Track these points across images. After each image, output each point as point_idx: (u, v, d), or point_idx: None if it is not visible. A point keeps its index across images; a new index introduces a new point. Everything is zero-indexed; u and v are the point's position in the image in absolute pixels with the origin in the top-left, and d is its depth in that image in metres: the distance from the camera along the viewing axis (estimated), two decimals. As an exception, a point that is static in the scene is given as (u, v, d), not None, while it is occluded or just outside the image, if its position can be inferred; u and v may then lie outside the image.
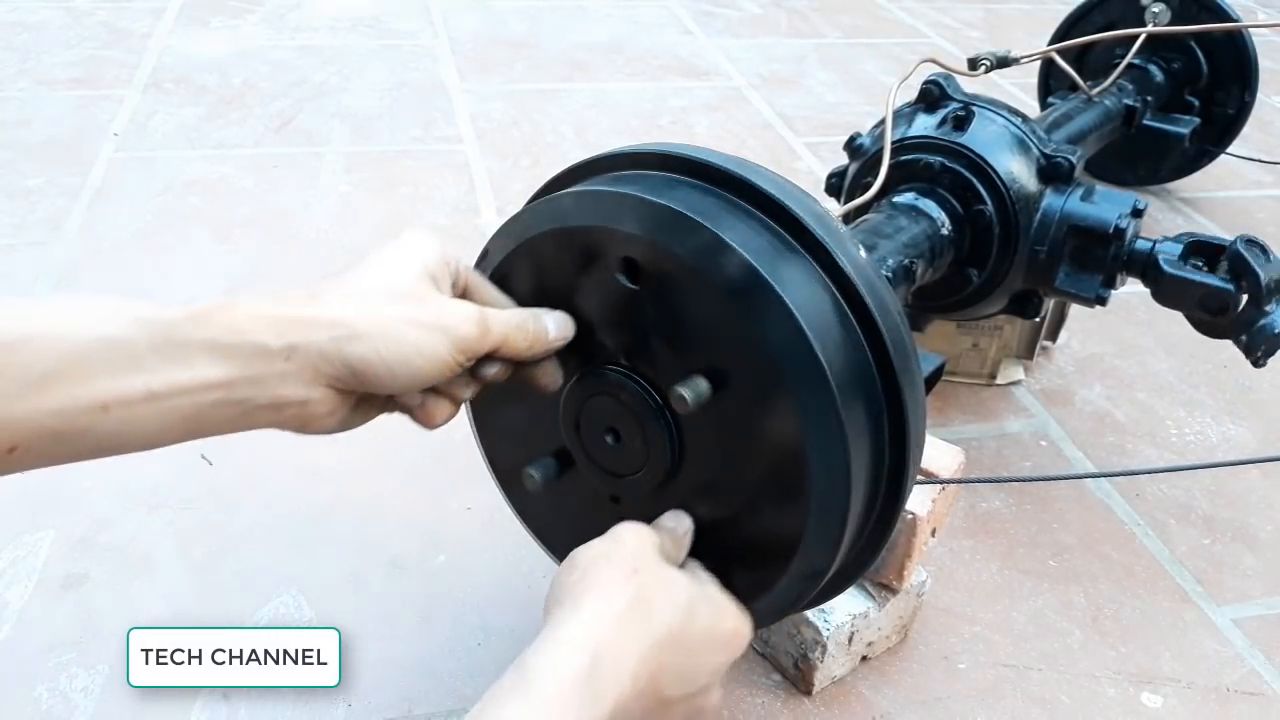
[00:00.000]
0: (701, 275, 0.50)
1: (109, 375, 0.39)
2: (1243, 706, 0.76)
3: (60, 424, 0.38)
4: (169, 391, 0.40)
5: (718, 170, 0.55)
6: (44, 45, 1.96)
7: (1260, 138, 1.79)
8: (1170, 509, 0.96)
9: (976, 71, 1.05)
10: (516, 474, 0.64)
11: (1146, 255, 0.89)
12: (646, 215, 0.51)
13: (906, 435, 0.54)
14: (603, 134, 1.72)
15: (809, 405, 0.49)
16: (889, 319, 0.53)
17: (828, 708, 0.74)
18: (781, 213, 0.53)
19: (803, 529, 0.52)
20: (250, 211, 1.41)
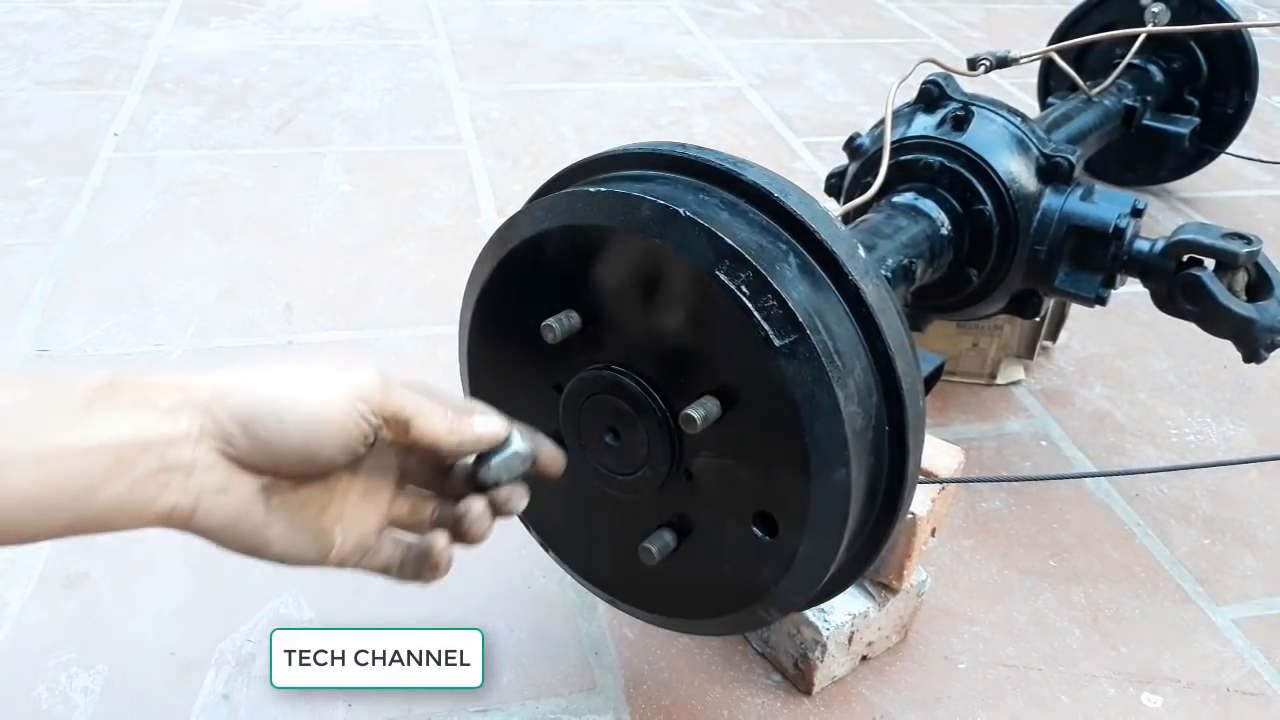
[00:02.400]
0: (704, 279, 0.50)
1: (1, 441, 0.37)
2: (1243, 706, 0.76)
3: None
4: (60, 452, 0.37)
5: (718, 170, 0.55)
6: (44, 45, 1.96)
7: (1260, 138, 1.79)
8: (1170, 509, 0.96)
9: (976, 71, 1.05)
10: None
11: (1146, 255, 0.89)
12: (650, 216, 0.51)
13: (906, 436, 0.54)
14: (603, 134, 1.72)
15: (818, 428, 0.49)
16: (889, 319, 0.53)
17: (828, 708, 0.74)
18: (779, 211, 0.53)
19: (802, 531, 0.52)
20: (250, 211, 1.41)
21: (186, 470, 0.40)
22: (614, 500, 0.60)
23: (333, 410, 0.42)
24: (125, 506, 0.39)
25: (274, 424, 0.41)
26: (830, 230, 0.53)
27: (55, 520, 0.38)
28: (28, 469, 0.37)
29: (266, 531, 0.43)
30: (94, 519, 0.39)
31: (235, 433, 0.41)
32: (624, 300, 0.53)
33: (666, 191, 0.53)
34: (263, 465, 0.42)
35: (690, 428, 0.50)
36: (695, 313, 0.51)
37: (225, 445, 0.41)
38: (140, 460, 0.39)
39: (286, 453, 0.42)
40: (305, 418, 0.42)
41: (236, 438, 0.41)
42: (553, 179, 0.62)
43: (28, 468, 0.37)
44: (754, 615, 0.59)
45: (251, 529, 0.43)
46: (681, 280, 0.51)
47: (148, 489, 0.39)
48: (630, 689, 0.74)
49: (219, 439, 0.41)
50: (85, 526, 0.39)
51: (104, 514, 0.39)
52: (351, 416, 0.42)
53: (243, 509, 0.42)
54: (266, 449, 0.41)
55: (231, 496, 0.42)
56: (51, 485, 0.37)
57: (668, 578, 0.62)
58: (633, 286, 0.53)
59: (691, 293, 0.51)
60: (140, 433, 0.39)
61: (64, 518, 0.38)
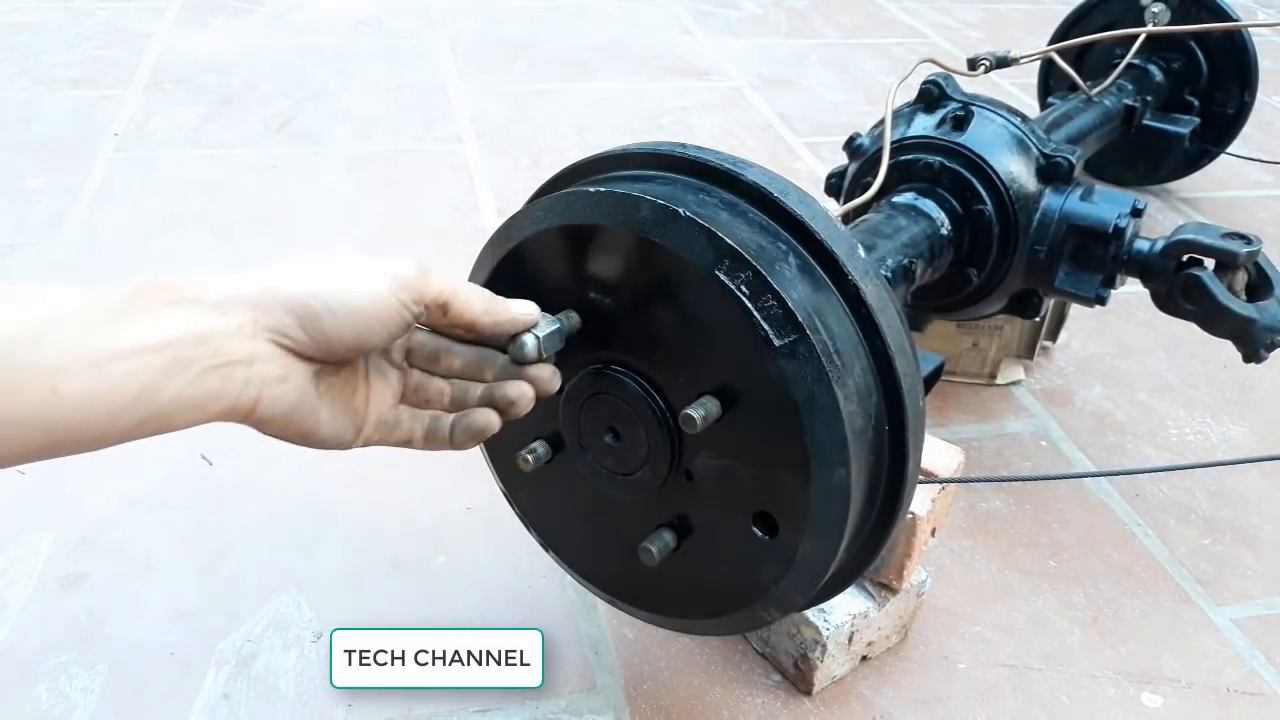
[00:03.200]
0: (704, 279, 0.50)
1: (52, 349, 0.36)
2: (1243, 706, 0.76)
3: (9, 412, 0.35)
4: (113, 355, 0.37)
5: (718, 170, 0.55)
6: (44, 45, 1.96)
7: (1260, 138, 1.79)
8: (1170, 509, 0.96)
9: (976, 71, 1.05)
10: (517, 473, 0.64)
11: (1146, 255, 0.89)
12: (650, 216, 0.51)
13: (906, 436, 0.54)
14: (603, 134, 1.72)
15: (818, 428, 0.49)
16: (889, 319, 0.53)
17: (828, 708, 0.74)
18: (779, 211, 0.53)
19: (802, 531, 0.52)
20: (250, 211, 1.41)
21: (247, 362, 0.41)
22: (614, 500, 0.60)
23: (379, 298, 0.44)
24: (188, 403, 0.40)
25: (326, 314, 0.42)
26: (830, 230, 0.53)
27: (120, 424, 0.38)
28: (82, 375, 0.37)
29: (318, 415, 0.45)
30: (159, 418, 0.39)
31: (290, 324, 0.42)
32: (624, 300, 0.53)
33: (666, 191, 0.53)
34: (314, 353, 0.43)
35: (690, 428, 0.50)
36: (695, 313, 0.51)
37: (280, 336, 0.42)
38: (197, 355, 0.39)
39: (337, 341, 0.43)
40: (355, 307, 0.43)
41: (291, 328, 0.42)
42: (553, 179, 0.62)
43: (82, 374, 0.37)
44: (754, 615, 0.59)
45: (307, 414, 0.44)
46: (681, 280, 0.51)
47: (209, 383, 0.40)
48: (630, 689, 0.74)
49: (273, 330, 0.42)
50: (150, 427, 0.39)
51: (168, 412, 0.39)
52: (395, 303, 0.44)
53: (301, 395, 0.44)
54: (320, 337, 0.43)
55: (291, 384, 0.43)
56: (110, 389, 0.37)
57: (668, 578, 0.62)
58: (632, 286, 0.53)
59: (691, 293, 0.51)
60: (193, 328, 0.39)
61: (128, 420, 0.38)
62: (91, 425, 0.37)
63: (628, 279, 0.53)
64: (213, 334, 0.40)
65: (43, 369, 0.36)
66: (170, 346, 0.39)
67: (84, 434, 0.38)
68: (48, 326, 0.37)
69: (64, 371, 0.36)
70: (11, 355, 0.35)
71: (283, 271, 0.43)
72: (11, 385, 0.35)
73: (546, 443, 0.60)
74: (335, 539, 0.87)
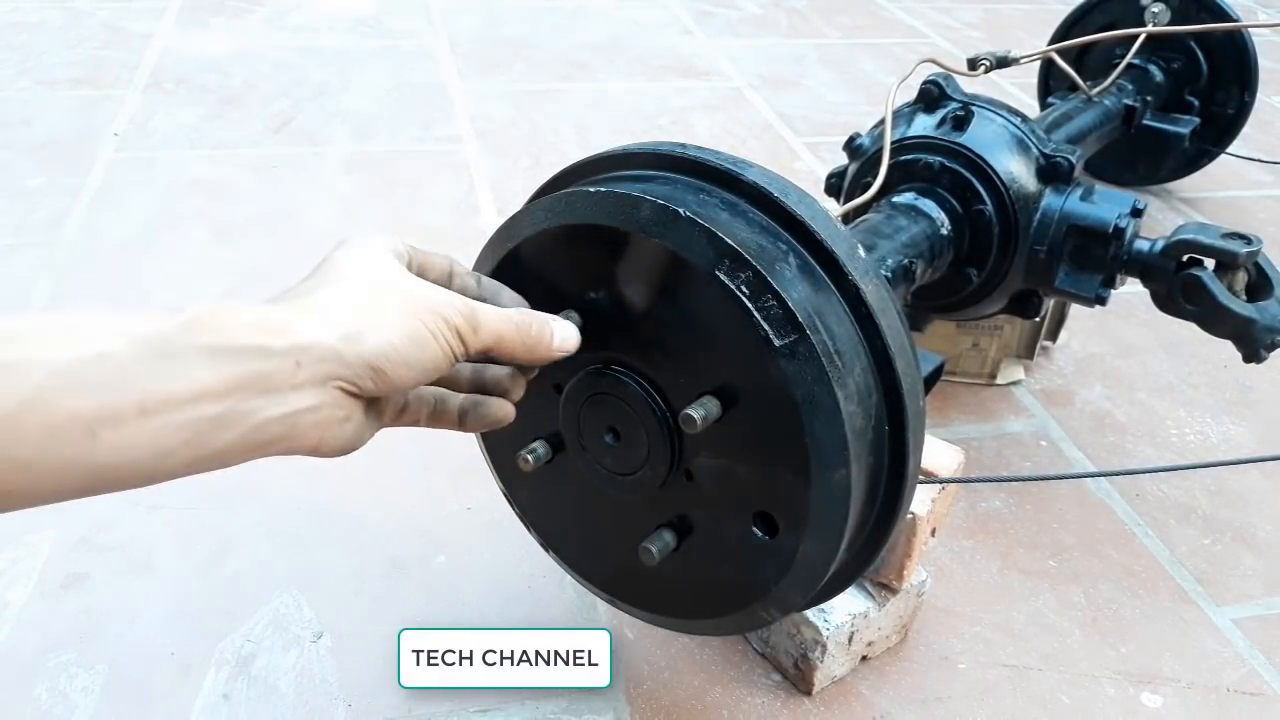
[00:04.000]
0: (704, 279, 0.50)
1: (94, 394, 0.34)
2: (1243, 706, 0.76)
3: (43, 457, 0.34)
4: (162, 404, 0.35)
5: (718, 170, 0.55)
6: (44, 45, 1.96)
7: (1260, 138, 1.79)
8: (1170, 509, 0.96)
9: (976, 71, 1.05)
10: (517, 473, 0.64)
11: (1146, 255, 0.89)
12: (650, 216, 0.51)
13: (906, 436, 0.54)
14: (603, 134, 1.72)
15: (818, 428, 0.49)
16: (889, 319, 0.53)
17: (828, 708, 0.74)
18: (779, 211, 0.53)
19: (802, 531, 0.52)
20: (250, 211, 1.41)
21: (315, 410, 0.40)
22: (614, 500, 0.60)
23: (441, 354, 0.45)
24: (246, 447, 0.39)
25: (402, 369, 0.43)
26: (830, 230, 0.53)
27: (164, 467, 0.37)
28: (129, 427, 0.35)
29: (363, 436, 0.46)
30: (210, 460, 0.38)
31: (366, 376, 0.42)
32: (624, 300, 0.53)
33: (666, 191, 0.53)
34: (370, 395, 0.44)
35: (690, 428, 0.50)
36: (695, 313, 0.51)
37: (352, 386, 0.42)
38: (261, 406, 0.38)
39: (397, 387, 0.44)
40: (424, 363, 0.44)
41: (365, 380, 0.42)
42: (553, 179, 0.62)
43: (128, 425, 0.35)
44: (754, 615, 0.59)
45: (358, 439, 0.45)
46: (681, 280, 0.51)
47: (272, 430, 0.39)
48: (630, 689, 0.74)
49: (347, 381, 0.41)
50: (200, 468, 0.38)
51: (221, 455, 0.38)
52: (450, 359, 0.45)
53: (358, 429, 0.44)
54: (385, 387, 0.43)
55: (352, 422, 0.43)
56: (155, 437, 0.36)
57: (668, 578, 0.62)
58: (632, 286, 0.53)
59: (691, 293, 0.51)
60: (259, 381, 0.38)
61: (173, 463, 0.37)
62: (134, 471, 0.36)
63: (628, 279, 0.53)
64: (279, 385, 0.39)
65: (82, 415, 0.34)
66: (230, 395, 0.37)
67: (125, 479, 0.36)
68: (89, 367, 0.34)
69: (107, 420, 0.35)
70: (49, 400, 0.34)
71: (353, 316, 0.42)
72: (49, 431, 0.34)
73: (546, 443, 0.60)
74: (335, 539, 0.87)
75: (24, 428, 0.33)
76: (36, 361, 0.34)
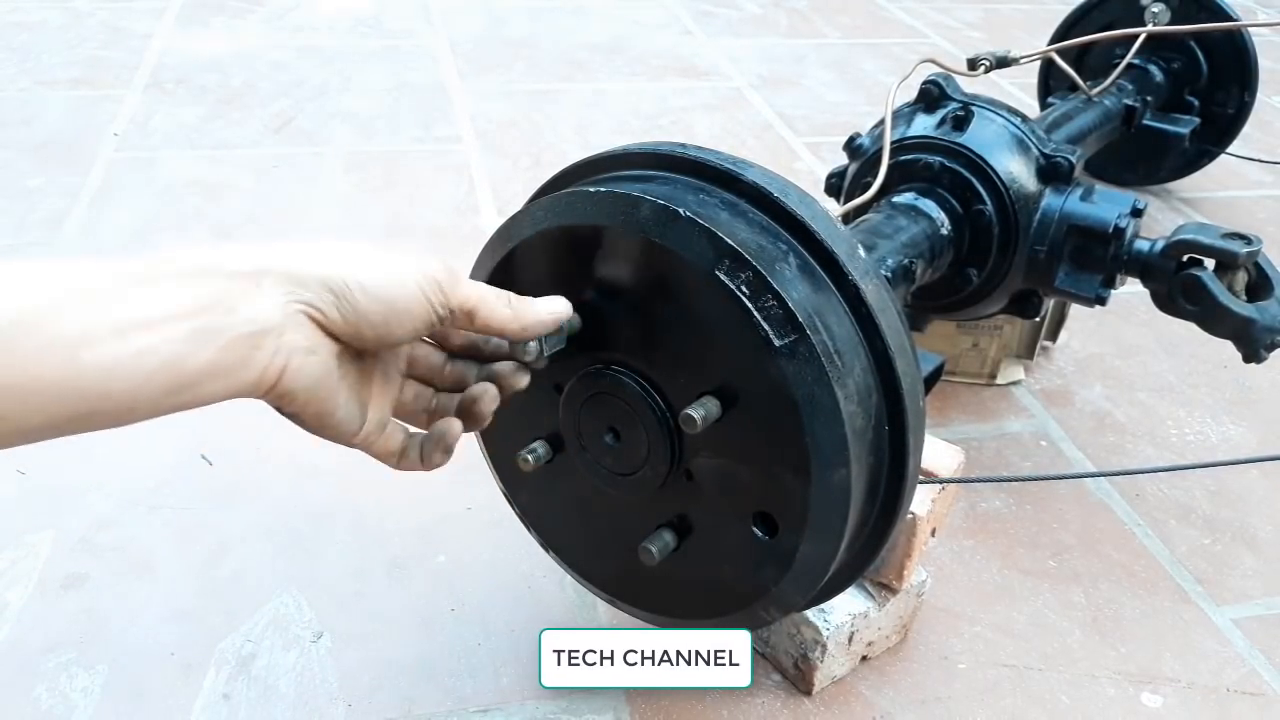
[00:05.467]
0: (704, 279, 0.50)
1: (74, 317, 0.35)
2: (1243, 706, 0.76)
3: (31, 380, 0.35)
4: (138, 323, 0.37)
5: (718, 170, 0.55)
6: (44, 45, 1.96)
7: (1260, 138, 1.79)
8: (1170, 509, 0.96)
9: (976, 71, 1.05)
10: (517, 473, 0.64)
11: (1146, 255, 0.89)
12: (650, 216, 0.51)
13: (906, 436, 0.54)
14: (603, 134, 1.72)
15: (818, 428, 0.49)
16: (889, 319, 0.53)
17: (828, 708, 0.74)
18: (779, 211, 0.53)
19: (802, 531, 0.52)
20: (250, 211, 1.41)
21: (278, 330, 0.40)
22: (614, 500, 0.60)
23: (412, 294, 0.44)
24: (217, 370, 0.39)
25: (360, 296, 0.42)
26: (830, 230, 0.53)
27: (146, 394, 0.37)
28: (107, 344, 0.36)
29: (337, 396, 0.45)
30: (187, 387, 0.38)
31: (326, 299, 0.42)
32: (624, 300, 0.53)
33: (666, 191, 0.53)
34: (341, 332, 0.43)
35: (690, 428, 0.50)
36: (695, 313, 0.51)
37: (313, 309, 0.41)
38: (228, 323, 0.39)
39: (366, 325, 0.43)
40: (388, 296, 0.43)
41: (326, 304, 0.42)
42: (553, 179, 0.62)
43: (107, 342, 0.36)
44: (754, 615, 0.59)
45: (328, 392, 0.44)
46: (681, 280, 0.51)
47: (239, 350, 0.39)
48: (631, 689, 0.74)
49: (307, 303, 0.41)
50: (178, 399, 0.39)
51: (196, 380, 0.39)
52: (426, 303, 0.44)
53: (325, 370, 0.43)
54: (351, 318, 0.42)
55: (318, 357, 0.42)
56: (135, 357, 0.36)
57: (668, 578, 0.62)
58: (632, 286, 0.53)
59: (691, 293, 0.51)
60: (224, 296, 0.39)
61: (154, 390, 0.37)
62: (116, 395, 0.37)
63: (628, 279, 0.53)
64: (245, 302, 0.39)
65: (66, 338, 0.35)
66: (200, 314, 0.38)
67: (109, 405, 0.37)
68: (71, 297, 0.36)
69: (88, 340, 0.36)
70: (33, 326, 0.35)
71: (317, 249, 0.43)
72: (33, 356, 0.35)
73: (547, 443, 0.60)
74: (335, 539, 0.87)
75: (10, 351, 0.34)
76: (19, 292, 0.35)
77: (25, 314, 0.35)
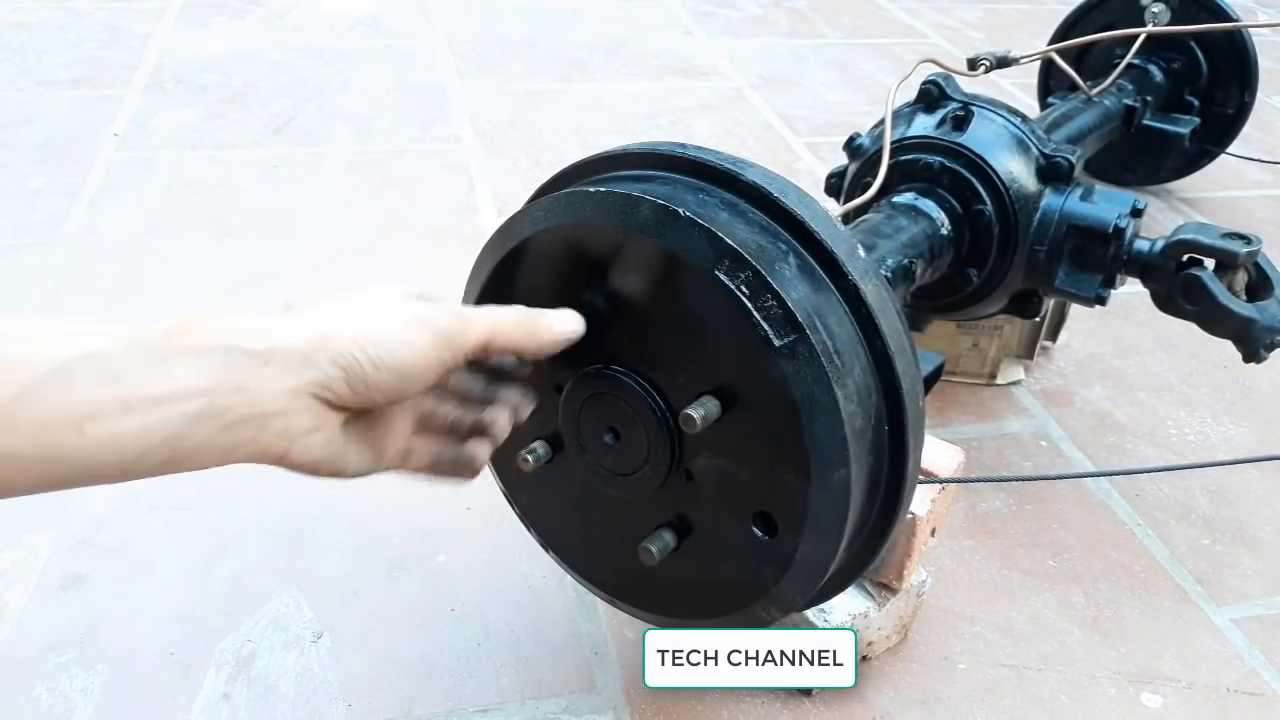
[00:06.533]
0: (704, 279, 0.50)
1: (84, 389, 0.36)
2: (1243, 706, 0.76)
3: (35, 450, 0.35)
4: (146, 401, 0.37)
5: (718, 170, 0.55)
6: (44, 45, 1.96)
7: (1260, 138, 1.79)
8: (1170, 509, 0.96)
9: (976, 71, 1.05)
10: (517, 473, 0.64)
11: (1146, 255, 0.89)
12: (650, 216, 0.51)
13: (906, 436, 0.54)
14: (602, 134, 1.72)
15: (817, 428, 0.49)
16: (889, 319, 0.53)
17: (827, 707, 0.74)
18: (779, 211, 0.53)
19: (802, 531, 0.52)
20: (250, 211, 1.41)
21: (282, 414, 0.41)
22: (614, 500, 0.60)
23: (423, 356, 0.44)
24: (216, 449, 0.40)
25: (371, 371, 0.42)
26: (830, 230, 0.53)
27: (143, 465, 0.38)
28: (113, 419, 0.36)
29: (346, 457, 0.45)
30: (183, 460, 0.39)
31: (335, 378, 0.42)
32: (623, 300, 0.53)
33: (666, 191, 0.53)
34: (351, 404, 0.44)
35: (690, 428, 0.50)
36: (695, 312, 0.51)
37: (323, 390, 0.42)
38: (232, 404, 0.39)
39: (378, 394, 0.44)
40: (401, 366, 0.43)
41: (336, 384, 0.42)
42: (553, 179, 0.62)
43: (113, 418, 0.36)
44: (754, 615, 0.59)
45: (335, 456, 0.45)
46: (681, 280, 0.51)
47: (241, 432, 0.40)
48: (630, 689, 0.74)
49: (317, 385, 0.42)
50: (173, 468, 0.39)
51: (194, 456, 0.39)
52: (438, 361, 0.45)
53: (329, 442, 0.44)
54: (362, 391, 0.43)
55: (322, 434, 0.43)
56: (138, 435, 0.37)
57: (668, 578, 0.62)
58: (632, 286, 0.53)
59: (691, 293, 0.50)
60: (231, 377, 0.39)
61: (151, 461, 0.38)
62: (113, 465, 0.37)
63: (627, 279, 0.53)
64: (250, 384, 0.40)
65: (73, 411, 0.36)
66: (206, 394, 0.39)
67: (103, 473, 0.38)
68: (82, 365, 0.36)
69: (94, 415, 0.36)
70: (42, 394, 0.35)
71: (329, 320, 0.43)
72: (39, 424, 0.35)
73: (546, 443, 0.60)
74: (335, 539, 0.87)
75: (17, 420, 0.35)
76: (34, 358, 0.36)
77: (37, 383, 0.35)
